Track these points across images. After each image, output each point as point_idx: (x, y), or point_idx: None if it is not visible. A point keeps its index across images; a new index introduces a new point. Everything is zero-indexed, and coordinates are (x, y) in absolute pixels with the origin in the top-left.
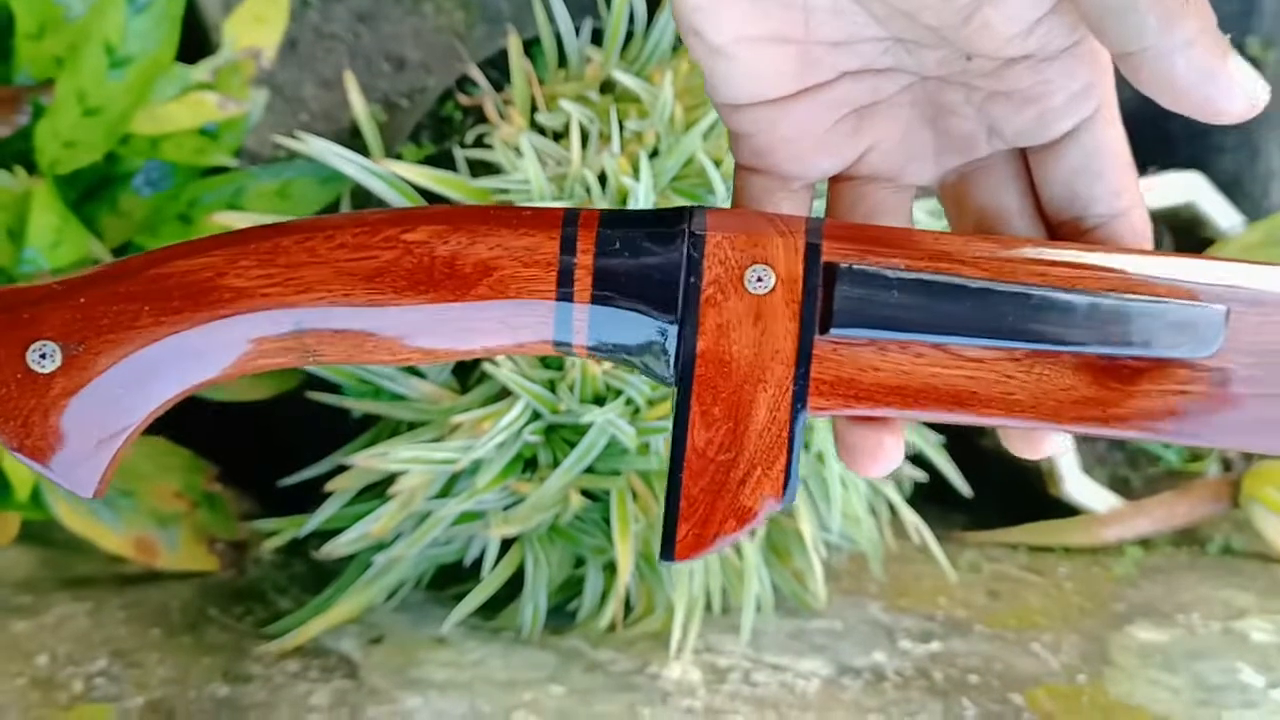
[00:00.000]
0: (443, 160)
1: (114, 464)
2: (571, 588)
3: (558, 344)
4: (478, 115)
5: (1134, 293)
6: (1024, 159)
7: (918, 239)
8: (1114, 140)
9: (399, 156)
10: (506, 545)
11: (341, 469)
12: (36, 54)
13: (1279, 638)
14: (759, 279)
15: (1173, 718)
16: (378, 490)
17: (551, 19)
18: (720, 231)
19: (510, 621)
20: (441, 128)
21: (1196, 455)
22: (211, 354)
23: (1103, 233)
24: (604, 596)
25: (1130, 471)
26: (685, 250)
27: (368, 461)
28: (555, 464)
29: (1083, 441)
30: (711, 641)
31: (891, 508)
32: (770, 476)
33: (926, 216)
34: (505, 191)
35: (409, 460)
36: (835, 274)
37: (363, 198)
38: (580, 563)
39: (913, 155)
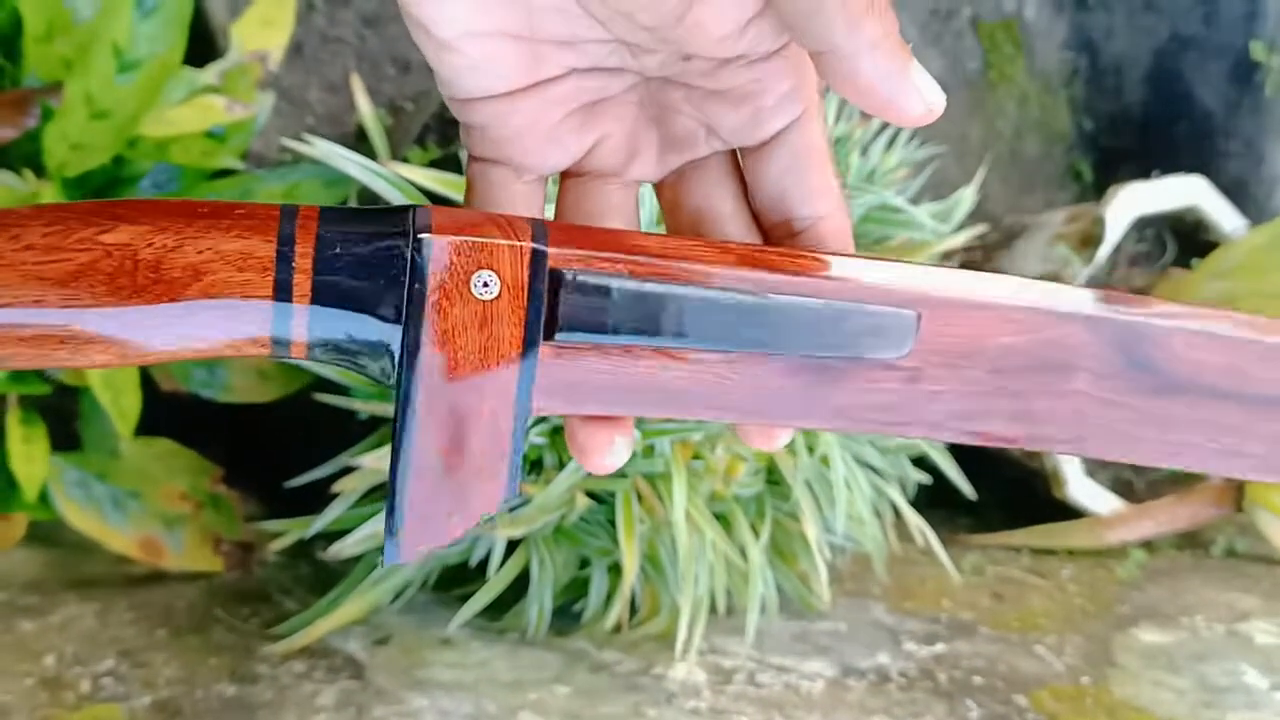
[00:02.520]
0: (448, 163)
1: None
2: (577, 589)
3: (275, 345)
4: None
5: (837, 296)
6: (738, 165)
7: (640, 244)
8: (819, 142)
9: (405, 159)
10: (512, 546)
11: (348, 470)
12: (45, 57)
13: None
14: (485, 284)
15: (1177, 719)
16: (384, 491)
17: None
18: (445, 236)
19: (516, 622)
20: (447, 131)
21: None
22: None
23: (810, 235)
24: (609, 598)
25: (1133, 475)
26: (410, 255)
27: (374, 463)
28: (560, 466)
29: None
30: (716, 643)
31: (896, 510)
32: (494, 476)
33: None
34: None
35: None
36: (560, 281)
37: (369, 200)
38: (585, 564)
39: (638, 152)
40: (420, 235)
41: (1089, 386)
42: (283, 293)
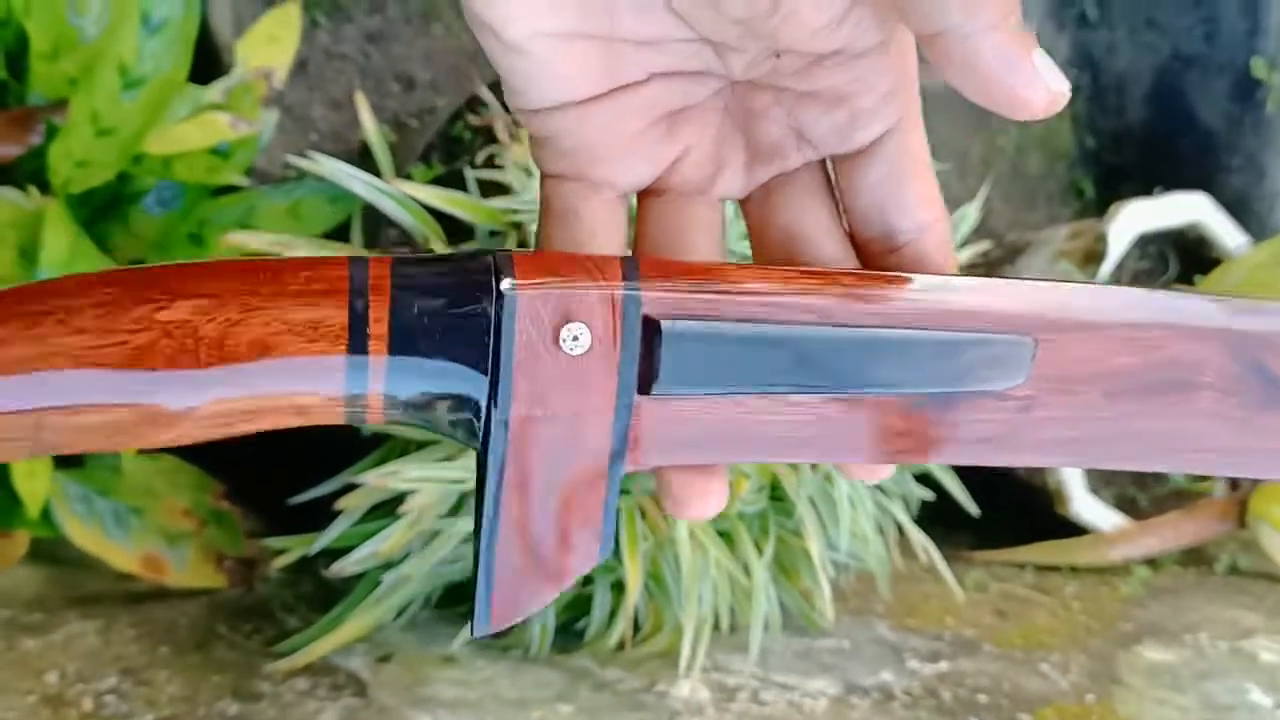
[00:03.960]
0: (453, 180)
1: None
2: (580, 606)
3: (350, 414)
4: (488, 136)
5: (953, 325)
6: (829, 177)
7: (739, 279)
8: (919, 148)
9: (409, 176)
10: None
11: (351, 487)
12: (51, 74)
13: None
14: (575, 338)
15: None
16: (387, 509)
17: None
18: (530, 288)
19: (519, 640)
20: (452, 148)
21: (1203, 475)
22: None
23: (912, 249)
24: (612, 615)
25: (1137, 491)
26: (493, 311)
27: (378, 480)
28: None
29: None
30: (720, 660)
31: (899, 527)
32: (586, 539)
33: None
34: (516, 212)
35: (419, 479)
36: (657, 329)
37: (373, 217)
38: (588, 581)
39: (725, 164)
40: (504, 288)
41: (1214, 404)
42: (357, 362)
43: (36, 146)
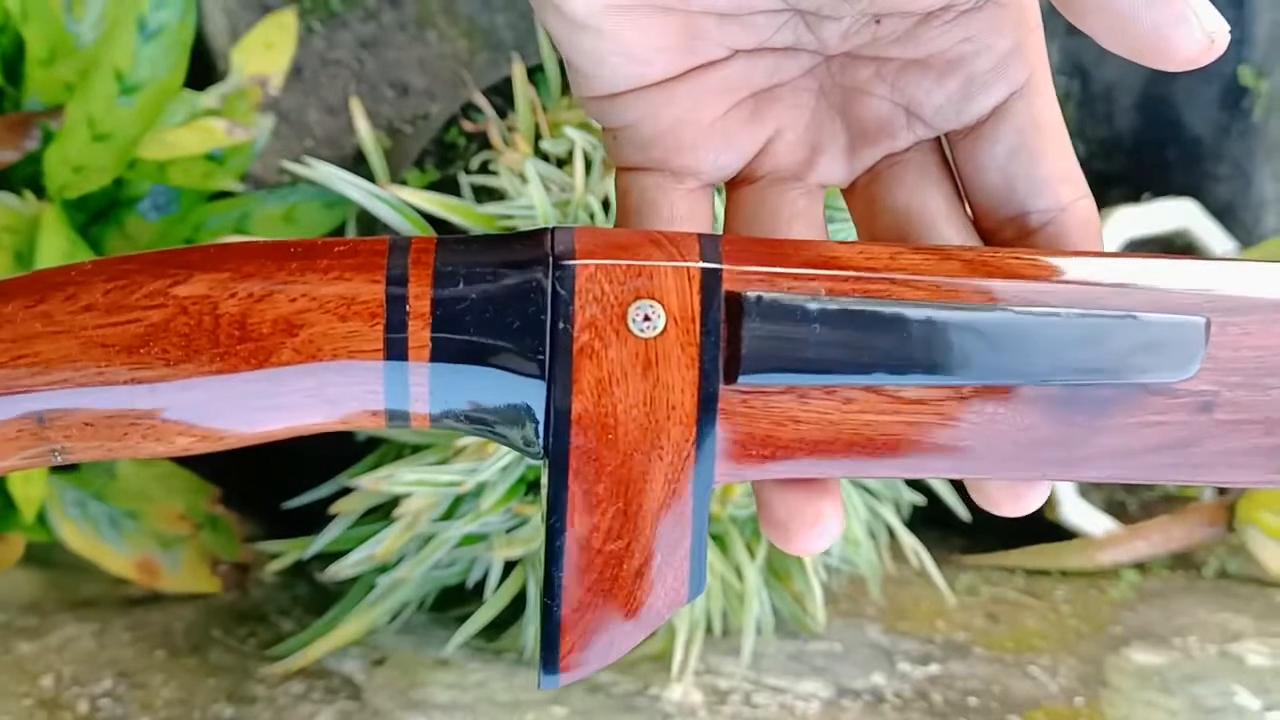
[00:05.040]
0: (447, 186)
1: None
2: None
3: (391, 415)
4: (482, 141)
5: (1097, 308)
6: (945, 158)
7: (837, 255)
8: (1051, 116)
9: (403, 182)
10: (510, 567)
11: (346, 491)
12: (47, 80)
13: (1275, 661)
14: (646, 318)
15: None
16: (382, 513)
17: (555, 47)
18: (594, 259)
19: (513, 643)
20: (446, 154)
21: None
22: None
23: (1050, 232)
24: None
25: (1126, 495)
26: (550, 286)
27: (373, 484)
28: None
29: None
30: (712, 663)
31: (890, 531)
32: (673, 565)
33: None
34: (510, 217)
35: (414, 483)
36: (742, 307)
37: (368, 222)
38: None
39: (822, 148)
40: (562, 261)
41: None
42: (396, 344)
43: (33, 152)
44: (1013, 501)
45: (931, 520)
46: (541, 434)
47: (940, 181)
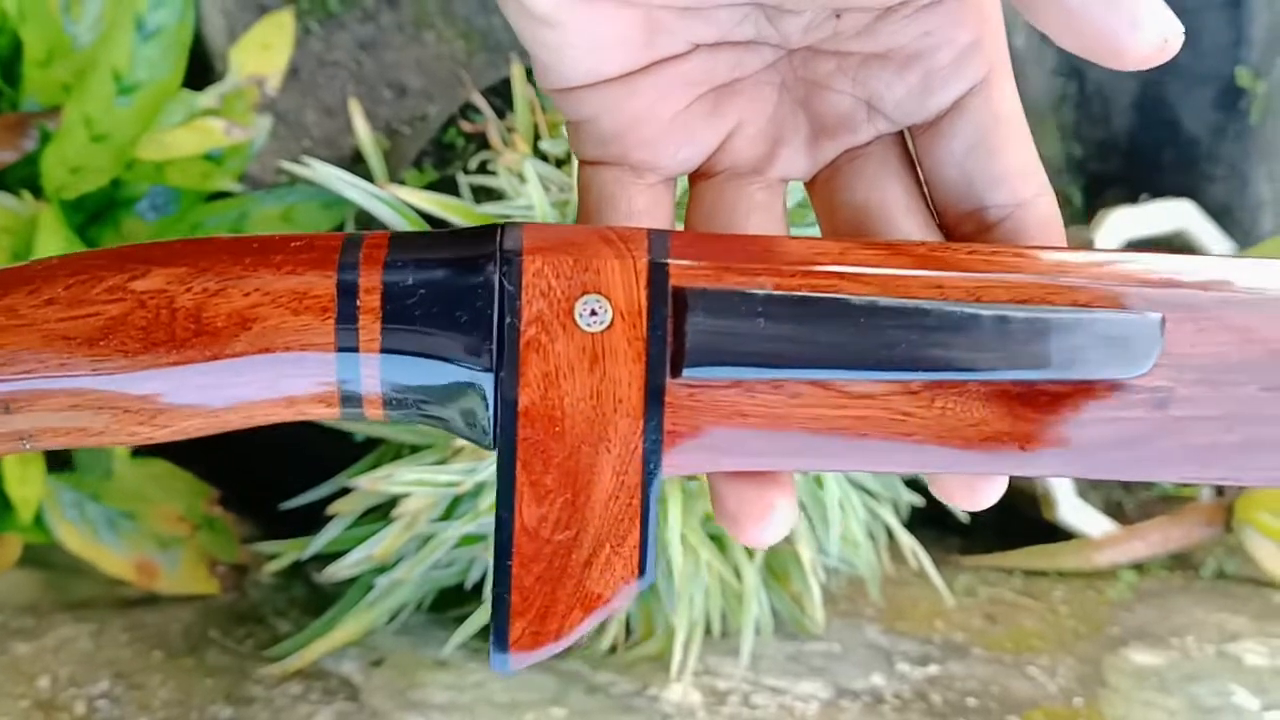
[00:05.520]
0: (446, 186)
1: None
2: None
3: (345, 406)
4: (480, 142)
5: (1050, 302)
6: (908, 152)
7: (787, 249)
8: (1011, 110)
9: (401, 182)
10: None
11: (344, 492)
12: (45, 81)
13: (1273, 661)
14: (593, 313)
15: None
16: (380, 513)
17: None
18: (541, 255)
19: None
20: (444, 154)
21: None
22: None
23: (1009, 227)
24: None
25: (1124, 496)
26: (498, 281)
27: (371, 484)
28: None
29: None
30: (711, 664)
31: (889, 532)
32: (622, 554)
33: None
34: (508, 217)
35: (412, 483)
36: (687, 302)
37: (366, 222)
38: None
39: (783, 142)
40: (509, 257)
41: None
42: (347, 338)
43: (30, 152)
44: (969, 495)
45: (930, 521)
46: (491, 426)
47: (901, 175)
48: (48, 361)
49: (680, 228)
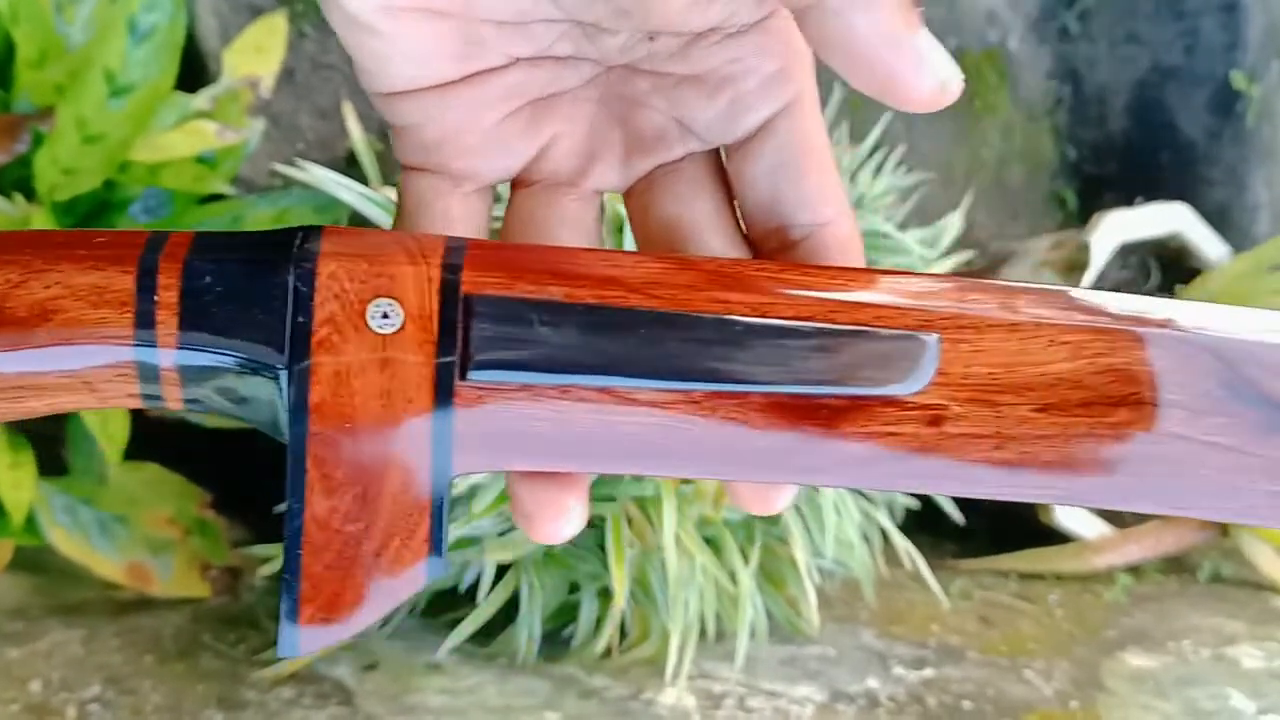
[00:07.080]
0: None
1: None
2: (566, 614)
3: (146, 399)
4: None
5: (832, 319)
6: (722, 169)
7: (582, 260)
8: (815, 136)
9: (394, 184)
10: (502, 571)
11: None
12: (37, 82)
13: (1269, 664)
14: (385, 315)
15: None
16: None
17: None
18: (336, 259)
19: (505, 648)
20: None
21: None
22: None
23: (809, 246)
24: (599, 622)
25: None
26: (291, 282)
27: None
28: None
29: None
30: (706, 668)
31: (884, 535)
32: (412, 546)
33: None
34: (499, 219)
35: None
36: (474, 307)
37: (360, 225)
38: (575, 589)
39: (598, 156)
40: (305, 259)
41: (1183, 427)
42: (145, 333)
43: (23, 154)
44: (760, 502)
45: (925, 524)
46: (284, 421)
47: (712, 192)
48: None
49: (497, 235)
